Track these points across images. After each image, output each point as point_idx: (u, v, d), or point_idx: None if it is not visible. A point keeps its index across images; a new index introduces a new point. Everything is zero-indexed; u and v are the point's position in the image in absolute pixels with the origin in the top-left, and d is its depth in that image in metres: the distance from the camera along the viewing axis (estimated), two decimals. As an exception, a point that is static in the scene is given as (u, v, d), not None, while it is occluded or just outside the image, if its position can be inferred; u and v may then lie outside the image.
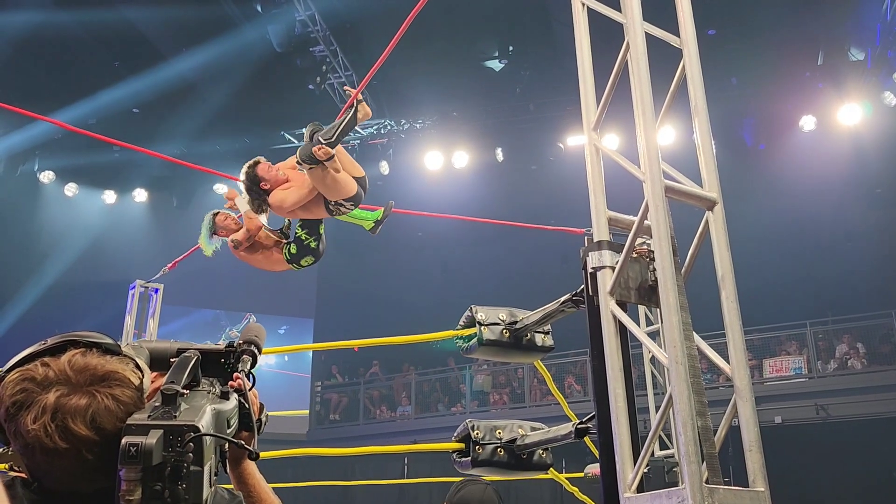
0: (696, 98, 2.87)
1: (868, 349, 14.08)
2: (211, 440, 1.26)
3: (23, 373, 1.32)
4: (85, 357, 1.35)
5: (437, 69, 14.35)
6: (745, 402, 2.55)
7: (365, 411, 17.15)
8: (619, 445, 2.53)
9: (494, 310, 3.54)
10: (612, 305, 2.67)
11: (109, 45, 13.88)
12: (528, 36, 14.32)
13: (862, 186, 14.79)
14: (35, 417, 1.28)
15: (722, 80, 13.37)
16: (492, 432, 3.52)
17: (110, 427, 1.29)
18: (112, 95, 13.83)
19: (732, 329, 2.63)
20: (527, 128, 14.94)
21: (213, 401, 1.34)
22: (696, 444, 2.32)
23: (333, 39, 13.53)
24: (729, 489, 2.35)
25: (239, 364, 1.50)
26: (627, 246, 2.70)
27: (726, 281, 2.69)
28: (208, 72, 13.68)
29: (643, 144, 2.69)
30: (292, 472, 14.82)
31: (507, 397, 16.27)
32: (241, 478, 1.62)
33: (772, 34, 13.09)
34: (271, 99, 14.80)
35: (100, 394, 1.32)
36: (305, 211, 5.77)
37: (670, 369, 2.41)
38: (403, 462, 15.27)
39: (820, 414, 13.39)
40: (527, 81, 14.99)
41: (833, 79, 13.46)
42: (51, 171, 15.99)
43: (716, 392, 11.69)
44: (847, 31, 13.40)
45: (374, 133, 15.42)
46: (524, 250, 16.60)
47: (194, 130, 14.70)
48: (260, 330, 1.59)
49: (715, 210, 2.80)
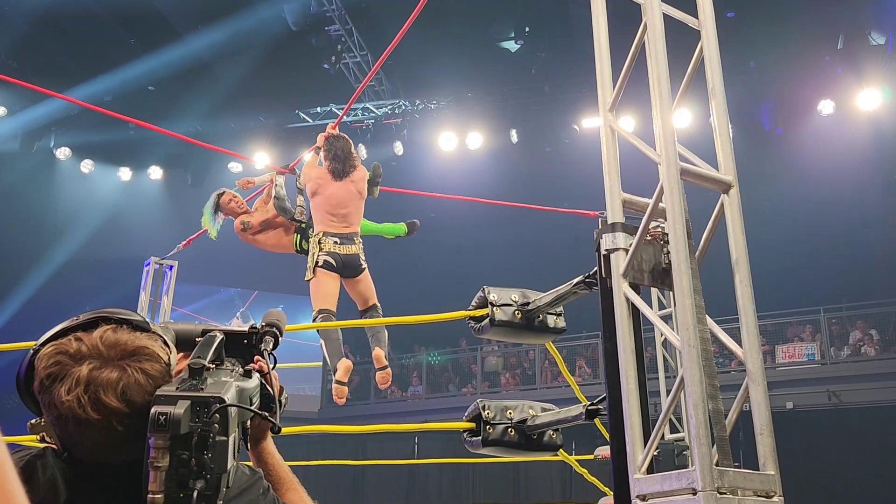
0: (714, 80, 2.85)
1: (882, 336, 14.01)
2: (235, 413, 1.32)
3: (57, 346, 1.37)
4: (116, 333, 1.39)
5: (452, 50, 14.29)
6: (757, 385, 2.55)
7: (376, 391, 17.23)
8: (629, 427, 2.53)
9: (507, 291, 3.54)
10: (624, 287, 2.67)
11: (126, 22, 13.89)
12: (544, 17, 14.22)
13: (879, 172, 14.66)
14: (69, 389, 1.32)
15: (740, 64, 13.23)
16: (502, 412, 3.53)
17: (140, 400, 1.34)
18: (128, 73, 13.86)
19: (746, 312, 2.63)
20: (542, 109, 14.86)
21: (237, 378, 1.40)
22: (706, 427, 2.33)
23: (349, 18, 13.48)
24: (739, 472, 2.36)
25: (261, 344, 1.54)
26: (641, 228, 2.70)
27: (740, 264, 2.68)
28: (224, 50, 13.68)
29: (659, 126, 2.67)
30: (304, 451, 14.94)
31: (517, 379, 16.32)
32: (260, 456, 1.65)
33: (792, 17, 12.94)
34: (286, 78, 14.78)
35: (130, 368, 1.36)
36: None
37: (682, 352, 2.41)
38: (414, 442, 15.36)
39: (832, 400, 13.36)
40: (542, 63, 14.89)
41: (853, 63, 13.30)
42: (67, 148, 16.04)
43: (728, 377, 11.70)
44: (868, 14, 13.23)
45: (389, 113, 15.37)
46: (538, 232, 16.57)
47: (209, 108, 14.72)
48: (281, 315, 1.64)
49: (730, 193, 2.79)
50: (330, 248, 5.65)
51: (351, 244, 5.72)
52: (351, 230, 5.77)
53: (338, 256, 5.65)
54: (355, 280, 5.79)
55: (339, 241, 5.68)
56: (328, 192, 5.79)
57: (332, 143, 5.92)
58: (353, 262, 5.72)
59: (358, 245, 5.77)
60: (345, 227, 5.75)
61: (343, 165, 5.83)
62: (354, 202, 5.84)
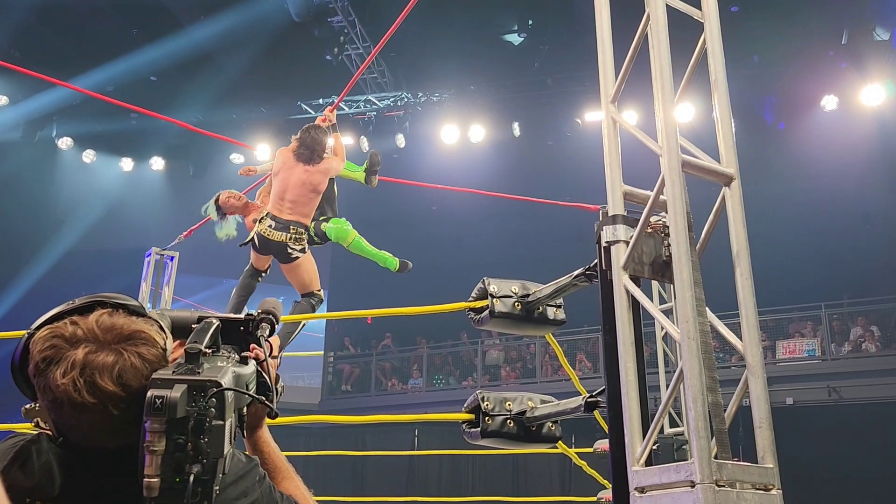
0: (717, 73, 2.84)
1: (883, 332, 14.01)
2: (232, 398, 1.31)
3: (52, 330, 1.36)
4: (112, 317, 1.39)
5: (455, 42, 14.25)
6: (757, 379, 2.54)
7: (377, 383, 17.26)
8: (628, 419, 2.53)
9: (507, 282, 3.54)
10: (625, 280, 2.66)
11: (128, 12, 13.87)
12: (547, 10, 14.17)
13: (882, 168, 14.62)
14: (64, 372, 1.32)
15: (743, 58, 13.19)
16: (502, 404, 3.53)
17: (136, 384, 1.33)
18: (130, 63, 13.83)
19: (746, 306, 2.63)
20: (544, 103, 14.83)
21: (233, 364, 1.39)
22: (705, 420, 2.32)
23: (351, 10, 13.45)
24: (737, 464, 2.35)
25: (258, 331, 1.54)
26: (642, 220, 2.69)
27: (741, 258, 2.68)
28: (226, 41, 13.65)
29: (661, 118, 2.67)
30: (304, 442, 14.98)
31: (518, 372, 16.33)
32: (256, 445, 1.65)
33: (796, 12, 12.89)
34: (288, 69, 14.76)
35: (126, 352, 1.36)
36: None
37: (682, 344, 2.41)
38: (414, 434, 15.39)
39: (832, 396, 13.35)
40: (545, 56, 14.86)
41: (856, 58, 13.26)
42: (69, 138, 16.03)
43: (728, 371, 11.69)
44: (873, 10, 13.19)
45: (391, 105, 15.35)
46: (539, 226, 16.56)
47: (211, 99, 14.70)
48: (277, 303, 1.64)
49: (732, 186, 2.78)
50: (262, 229, 5.79)
51: (284, 231, 5.80)
52: (292, 218, 5.82)
53: (262, 238, 5.80)
54: (286, 267, 5.96)
55: (273, 226, 5.78)
56: (283, 176, 5.88)
57: (307, 131, 5.98)
58: (280, 248, 5.83)
59: (292, 234, 5.81)
60: (288, 213, 5.81)
61: (309, 153, 5.88)
62: (305, 193, 5.87)
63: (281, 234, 5.78)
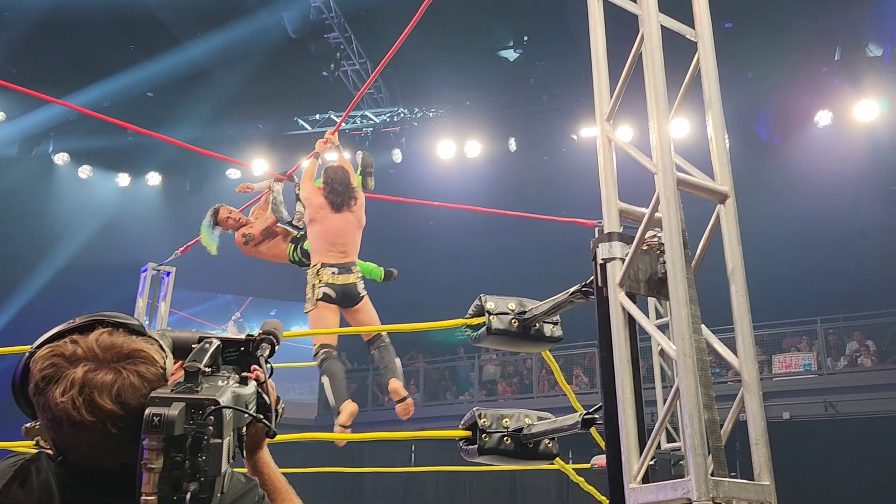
0: (710, 91, 2.87)
1: (878, 347, 14.02)
2: (230, 416, 1.32)
3: (52, 349, 1.38)
4: (112, 336, 1.40)
5: (451, 58, 14.31)
6: (753, 395, 2.55)
7: (373, 398, 17.20)
8: (625, 436, 2.54)
9: (504, 299, 3.54)
10: (621, 297, 2.68)
11: (125, 28, 13.90)
12: (543, 26, 14.25)
13: (876, 183, 14.68)
14: (63, 391, 1.33)
15: (737, 74, 13.26)
16: (499, 421, 3.53)
17: (135, 403, 1.34)
18: (127, 79, 13.85)
19: (741, 323, 2.64)
20: (540, 118, 14.88)
21: (233, 384, 1.40)
22: (702, 437, 2.33)
23: (348, 26, 13.51)
24: (734, 481, 2.36)
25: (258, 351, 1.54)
26: (638, 237, 2.71)
27: (736, 275, 2.69)
28: (223, 57, 13.69)
29: (655, 136, 2.69)
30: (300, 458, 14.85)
31: (514, 387, 16.30)
32: (256, 466, 1.65)
33: (789, 28, 12.98)
34: (285, 85, 14.80)
35: (125, 370, 1.37)
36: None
37: (678, 361, 2.42)
38: (411, 450, 15.33)
39: (828, 411, 13.35)
40: (541, 72, 14.93)
41: (850, 74, 13.34)
42: (65, 154, 16.03)
43: (724, 387, 11.68)
44: (866, 26, 13.28)
45: (387, 121, 15.39)
46: (535, 241, 16.57)
47: (208, 115, 14.72)
48: (278, 324, 1.64)
49: (727, 203, 2.80)
50: (328, 278, 5.57)
51: (349, 273, 5.67)
52: (349, 259, 5.73)
53: (336, 287, 5.59)
54: (354, 310, 5.73)
55: (337, 272, 5.62)
56: (327, 223, 5.74)
57: (331, 175, 5.86)
58: (351, 291, 5.66)
59: (356, 274, 5.71)
60: (343, 256, 5.70)
61: (342, 199, 5.79)
62: (353, 232, 5.81)
63: (349, 277, 5.66)
